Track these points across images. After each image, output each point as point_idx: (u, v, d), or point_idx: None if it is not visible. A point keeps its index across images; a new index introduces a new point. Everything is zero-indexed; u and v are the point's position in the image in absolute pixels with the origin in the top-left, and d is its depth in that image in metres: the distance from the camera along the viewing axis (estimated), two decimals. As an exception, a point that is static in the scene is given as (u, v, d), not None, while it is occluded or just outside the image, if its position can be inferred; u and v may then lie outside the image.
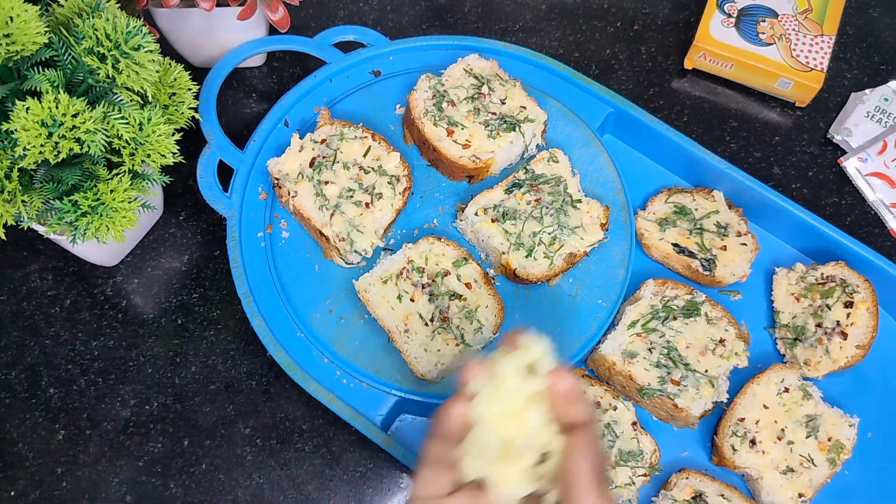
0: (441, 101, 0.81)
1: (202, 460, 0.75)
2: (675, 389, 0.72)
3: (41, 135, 0.59)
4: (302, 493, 0.74)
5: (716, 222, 0.82)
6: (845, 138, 0.94)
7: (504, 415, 0.52)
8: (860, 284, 0.78)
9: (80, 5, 0.66)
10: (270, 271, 0.77)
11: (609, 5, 1.04)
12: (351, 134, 0.80)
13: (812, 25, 0.95)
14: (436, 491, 0.55)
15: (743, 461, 0.71)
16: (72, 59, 0.63)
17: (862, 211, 0.90)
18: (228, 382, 0.78)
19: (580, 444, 0.51)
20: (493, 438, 0.53)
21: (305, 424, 0.76)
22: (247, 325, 0.78)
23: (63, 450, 0.75)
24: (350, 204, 0.76)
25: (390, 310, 0.72)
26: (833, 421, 0.73)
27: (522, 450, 0.52)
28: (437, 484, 0.55)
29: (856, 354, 0.76)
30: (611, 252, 0.79)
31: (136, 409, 0.77)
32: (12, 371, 0.78)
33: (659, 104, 0.96)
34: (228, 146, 0.83)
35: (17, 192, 0.63)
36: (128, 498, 0.73)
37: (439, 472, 0.55)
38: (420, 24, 1.01)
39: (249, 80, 0.96)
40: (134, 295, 0.82)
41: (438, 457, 0.55)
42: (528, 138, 0.82)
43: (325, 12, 1.01)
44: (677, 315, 0.76)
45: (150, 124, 0.66)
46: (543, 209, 0.77)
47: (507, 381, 0.52)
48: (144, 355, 0.79)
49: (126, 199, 0.66)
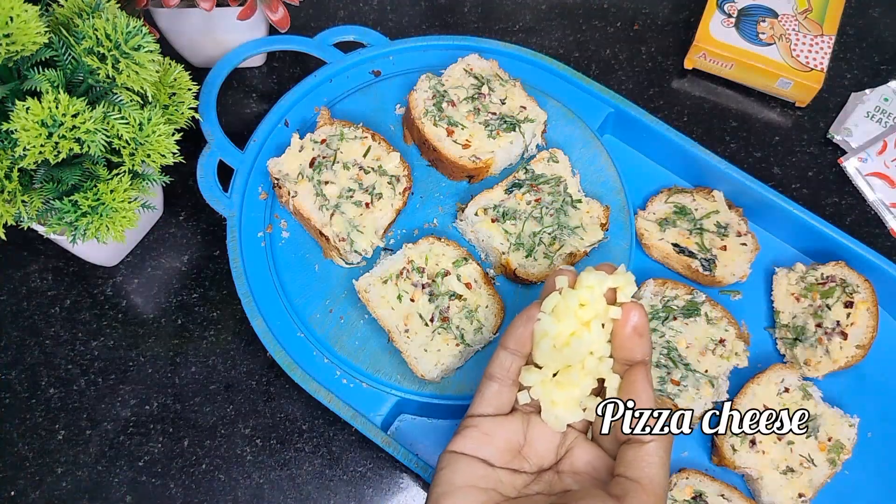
0: (441, 101, 0.81)
1: (202, 460, 0.75)
2: (675, 389, 0.72)
3: (41, 135, 0.59)
4: (302, 493, 0.74)
5: (716, 222, 0.82)
6: (845, 138, 0.94)
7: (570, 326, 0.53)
8: (860, 284, 0.78)
9: (80, 5, 0.66)
10: (270, 271, 0.77)
11: (609, 5, 1.04)
12: (351, 134, 0.80)
13: (812, 25, 0.95)
14: (495, 409, 0.56)
15: (743, 461, 0.71)
16: (72, 59, 0.63)
17: (862, 211, 0.90)
18: (228, 382, 0.78)
19: (640, 375, 0.52)
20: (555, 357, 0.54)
21: (305, 424, 0.77)
22: (247, 325, 0.78)
23: (63, 450, 0.75)
24: (350, 204, 0.76)
25: (390, 310, 0.72)
26: (833, 421, 0.73)
27: (579, 376, 0.54)
28: (499, 401, 0.56)
29: (856, 354, 0.76)
30: (611, 252, 0.79)
31: (136, 409, 0.77)
32: (12, 371, 0.78)
33: (659, 104, 0.96)
34: (228, 146, 0.83)
35: (17, 192, 0.63)
36: (128, 498, 0.73)
37: (502, 389, 0.56)
38: (420, 24, 1.01)
39: (249, 80, 0.96)
40: (134, 295, 0.82)
41: (503, 372, 0.56)
42: (528, 138, 0.82)
43: (325, 12, 1.01)
44: (677, 315, 0.76)
45: (150, 124, 0.66)
46: (543, 209, 0.77)
47: (584, 291, 0.53)
48: (144, 355, 0.79)
49: (126, 199, 0.66)
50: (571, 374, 0.54)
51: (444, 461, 0.54)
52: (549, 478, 0.55)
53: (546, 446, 0.56)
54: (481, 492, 0.52)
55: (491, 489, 0.53)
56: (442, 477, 0.53)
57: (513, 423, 0.56)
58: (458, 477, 0.53)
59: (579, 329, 0.53)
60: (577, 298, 0.53)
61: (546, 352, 0.54)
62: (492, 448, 0.55)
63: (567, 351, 0.53)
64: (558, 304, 0.54)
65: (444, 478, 0.53)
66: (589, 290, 0.53)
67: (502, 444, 0.55)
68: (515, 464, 0.55)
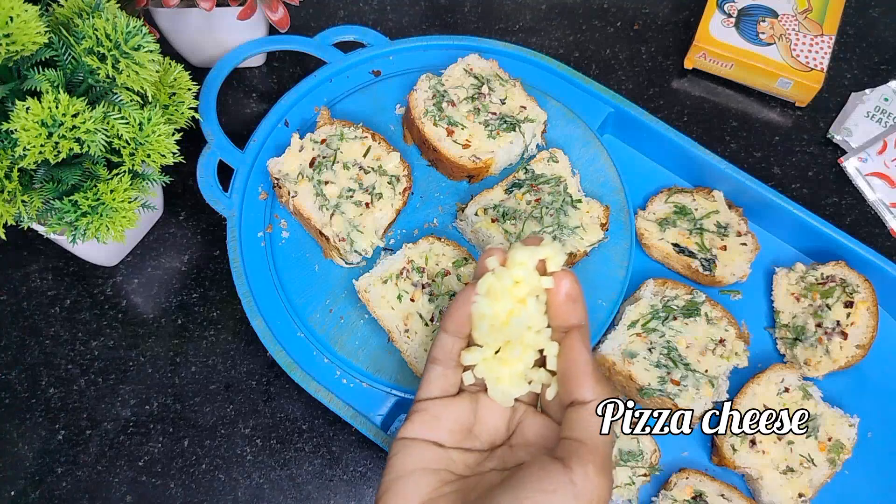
0: (441, 101, 0.81)
1: (202, 460, 0.75)
2: (675, 389, 0.72)
3: (41, 135, 0.59)
4: (302, 493, 0.74)
5: (716, 222, 0.82)
6: (845, 138, 0.94)
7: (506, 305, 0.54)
8: (860, 284, 0.78)
9: (80, 5, 0.66)
10: (270, 271, 0.77)
11: (609, 5, 1.04)
12: (351, 134, 0.80)
13: (812, 25, 0.95)
14: (441, 391, 0.57)
15: (743, 461, 0.71)
16: (72, 59, 0.63)
17: (862, 211, 0.90)
18: (228, 382, 0.78)
19: (577, 340, 0.52)
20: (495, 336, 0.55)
21: (305, 424, 0.77)
22: (247, 325, 0.78)
23: (63, 450, 0.75)
24: (350, 204, 0.76)
25: (390, 310, 0.72)
26: (833, 421, 0.73)
27: (520, 351, 0.55)
28: (444, 383, 0.57)
29: (856, 354, 0.76)
30: (611, 252, 0.79)
31: (136, 409, 0.77)
32: (12, 371, 0.78)
33: (659, 104, 0.96)
34: (228, 146, 0.83)
35: (17, 192, 0.63)
36: (128, 498, 0.73)
37: (446, 371, 0.57)
38: (420, 24, 1.01)
39: (249, 80, 0.96)
40: (134, 295, 0.82)
41: (445, 355, 0.56)
42: (528, 138, 0.82)
43: (325, 12, 1.01)
44: (677, 315, 0.76)
45: (150, 124, 0.66)
46: (543, 209, 0.77)
47: (517, 269, 0.53)
48: (144, 355, 0.79)
49: (126, 199, 0.66)
50: (512, 349, 0.55)
51: (395, 448, 0.54)
52: (502, 453, 0.55)
53: (496, 423, 0.56)
54: (432, 473, 0.52)
55: (443, 469, 0.53)
56: (393, 464, 0.53)
57: (461, 404, 0.56)
58: (408, 461, 0.53)
59: (516, 307, 0.53)
60: (511, 277, 0.53)
61: (485, 332, 0.54)
62: (441, 430, 0.55)
63: (506, 329, 0.54)
64: (492, 284, 0.54)
65: (394, 464, 0.53)
66: (521, 266, 0.53)
67: (452, 425, 0.55)
68: (467, 443, 0.55)
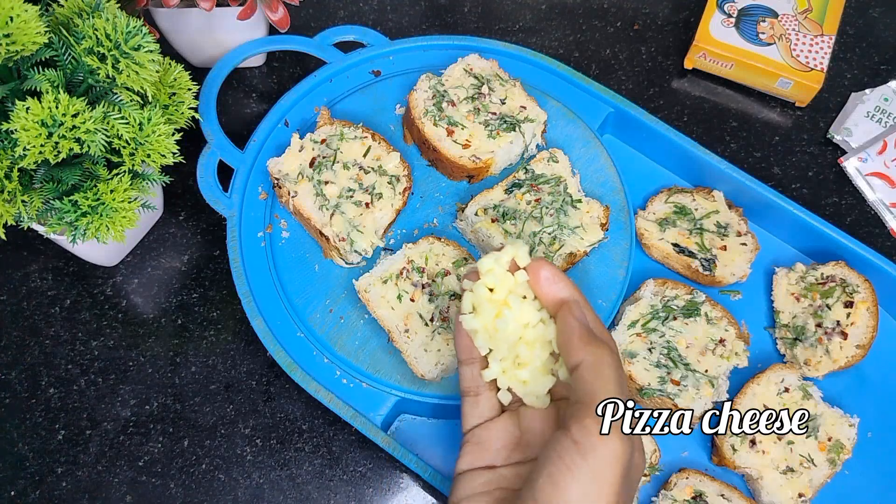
0: (441, 101, 0.81)
1: (202, 460, 0.75)
2: (675, 389, 0.72)
3: (41, 135, 0.59)
4: (302, 493, 0.74)
5: (716, 222, 0.82)
6: (845, 138, 0.94)
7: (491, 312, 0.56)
8: (860, 284, 0.78)
9: (80, 5, 0.66)
10: (270, 271, 0.77)
11: (609, 5, 1.04)
12: (351, 134, 0.80)
13: (812, 25, 0.95)
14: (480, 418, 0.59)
15: (743, 461, 0.71)
16: (72, 59, 0.63)
17: (862, 211, 0.90)
18: (228, 382, 0.78)
19: (565, 311, 0.53)
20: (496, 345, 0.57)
21: (305, 424, 0.76)
22: (247, 325, 0.78)
23: (63, 450, 0.75)
24: (350, 204, 0.76)
25: (390, 310, 0.72)
26: (833, 421, 0.73)
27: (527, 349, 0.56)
28: (480, 410, 0.59)
29: (856, 354, 0.76)
30: (611, 252, 0.79)
31: (136, 409, 0.77)
32: (12, 371, 0.78)
33: (659, 104, 0.96)
34: (228, 146, 0.83)
35: (17, 192, 0.63)
36: (128, 498, 0.73)
37: (478, 399, 0.59)
38: (420, 24, 1.01)
39: (249, 80, 0.96)
40: (134, 295, 0.82)
41: (471, 383, 0.59)
42: (528, 138, 0.82)
43: (325, 12, 1.01)
44: (677, 315, 0.76)
45: (150, 124, 0.66)
46: (543, 209, 0.77)
47: (486, 277, 0.56)
48: (144, 355, 0.79)
49: (126, 199, 0.66)
50: (520, 350, 0.56)
51: (453, 485, 0.57)
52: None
53: (542, 427, 0.57)
54: (483, 496, 0.54)
55: (494, 489, 0.54)
56: (450, 500, 0.56)
57: (502, 421, 0.58)
58: (460, 492, 0.55)
59: (500, 310, 0.55)
60: (484, 286, 0.56)
61: (486, 345, 0.57)
62: (488, 453, 0.57)
63: (501, 334, 0.55)
64: (472, 299, 0.56)
65: (450, 500, 0.56)
66: (489, 273, 0.55)
67: (497, 444, 0.57)
68: (517, 456, 0.56)
